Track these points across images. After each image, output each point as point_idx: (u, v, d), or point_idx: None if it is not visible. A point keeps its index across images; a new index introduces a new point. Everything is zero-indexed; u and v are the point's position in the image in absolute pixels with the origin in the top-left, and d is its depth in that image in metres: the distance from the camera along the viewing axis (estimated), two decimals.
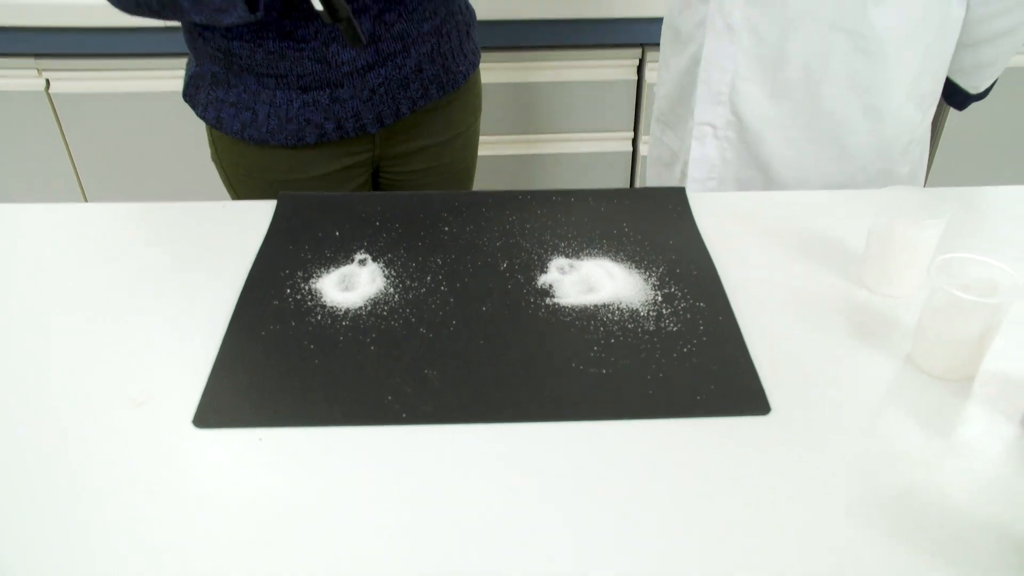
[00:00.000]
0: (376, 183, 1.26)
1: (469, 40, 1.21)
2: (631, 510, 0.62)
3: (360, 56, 1.06)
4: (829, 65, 1.02)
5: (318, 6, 0.92)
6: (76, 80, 1.71)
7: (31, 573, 0.58)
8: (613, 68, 1.72)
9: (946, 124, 1.86)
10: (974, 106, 1.22)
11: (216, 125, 1.13)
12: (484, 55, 1.33)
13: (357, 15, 1.02)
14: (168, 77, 1.70)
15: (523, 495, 0.63)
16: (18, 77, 1.72)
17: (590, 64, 1.71)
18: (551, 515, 0.62)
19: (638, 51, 1.70)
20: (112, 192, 1.86)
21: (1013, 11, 1.02)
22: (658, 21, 1.33)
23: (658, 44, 1.27)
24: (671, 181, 1.25)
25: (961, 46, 1.08)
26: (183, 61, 1.58)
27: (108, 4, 1.02)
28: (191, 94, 1.15)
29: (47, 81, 1.72)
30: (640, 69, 1.72)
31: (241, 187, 1.19)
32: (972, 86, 1.15)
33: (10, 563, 0.58)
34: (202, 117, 1.14)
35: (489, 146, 1.77)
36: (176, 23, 1.14)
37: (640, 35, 1.66)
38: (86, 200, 1.87)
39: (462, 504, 0.63)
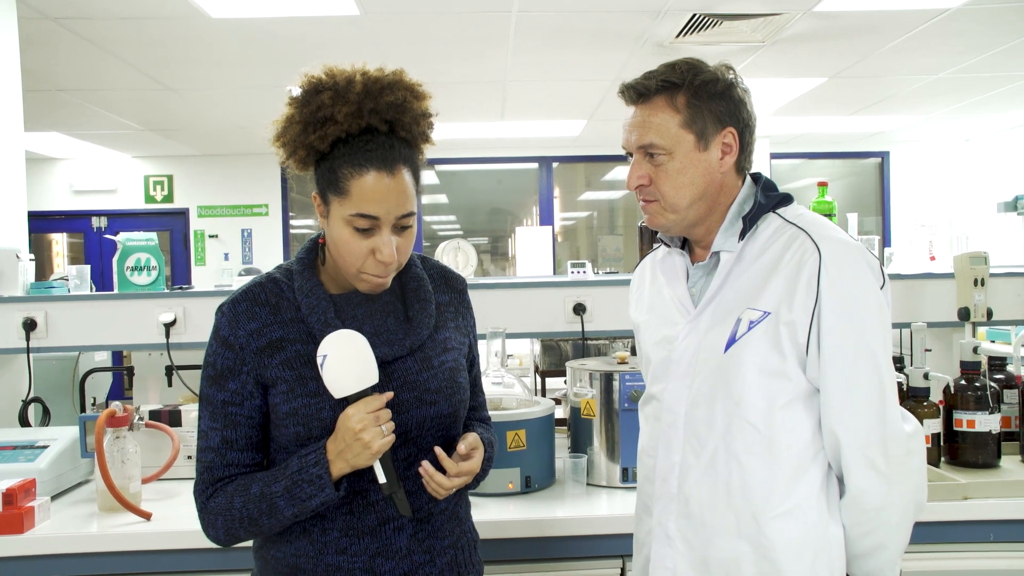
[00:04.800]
0: None
1: (476, 553, 1.53)
2: None
3: (398, 567, 1.37)
4: (741, 567, 1.32)
5: (381, 478, 1.28)
6: None
7: None
8: None
9: None
10: None
11: None
12: (487, 567, 1.63)
13: (397, 532, 1.37)
14: None
15: None
16: None
17: (576, 572, 1.98)
18: None
19: (619, 561, 1.98)
20: None
21: (874, 532, 1.33)
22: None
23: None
24: None
25: (851, 556, 1.37)
26: None
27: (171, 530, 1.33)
28: None
29: None
30: (623, 574, 1.98)
31: None
32: None
33: None
34: None
35: None
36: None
37: (619, 548, 1.97)
38: None
39: None
